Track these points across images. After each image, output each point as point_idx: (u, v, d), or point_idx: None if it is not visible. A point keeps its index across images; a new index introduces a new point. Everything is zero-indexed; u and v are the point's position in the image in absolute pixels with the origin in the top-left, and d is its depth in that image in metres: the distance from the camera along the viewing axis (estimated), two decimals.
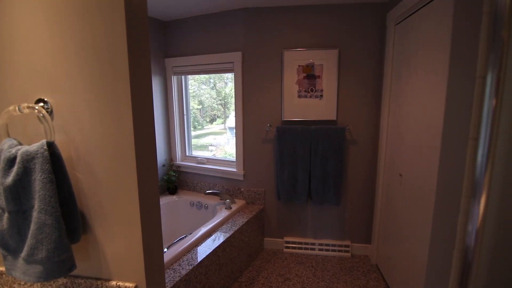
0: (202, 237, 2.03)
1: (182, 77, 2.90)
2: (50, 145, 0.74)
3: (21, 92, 0.83)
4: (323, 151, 2.36)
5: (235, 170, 2.68)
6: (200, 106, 3.13)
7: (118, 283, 0.84)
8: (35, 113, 0.78)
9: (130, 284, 0.84)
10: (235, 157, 2.69)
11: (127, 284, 0.84)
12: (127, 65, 0.74)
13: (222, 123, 3.16)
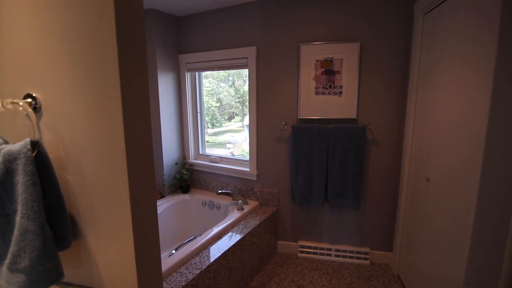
0: (212, 239, 1.95)
1: (196, 74, 2.84)
2: (35, 144, 0.68)
3: (10, 86, 0.78)
4: (342, 152, 2.22)
5: (248, 170, 2.59)
6: (219, 104, 3.11)
7: None
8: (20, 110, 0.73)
9: None
10: (249, 156, 2.60)
11: None
12: (117, 61, 0.66)
13: (240, 121, 3.12)
